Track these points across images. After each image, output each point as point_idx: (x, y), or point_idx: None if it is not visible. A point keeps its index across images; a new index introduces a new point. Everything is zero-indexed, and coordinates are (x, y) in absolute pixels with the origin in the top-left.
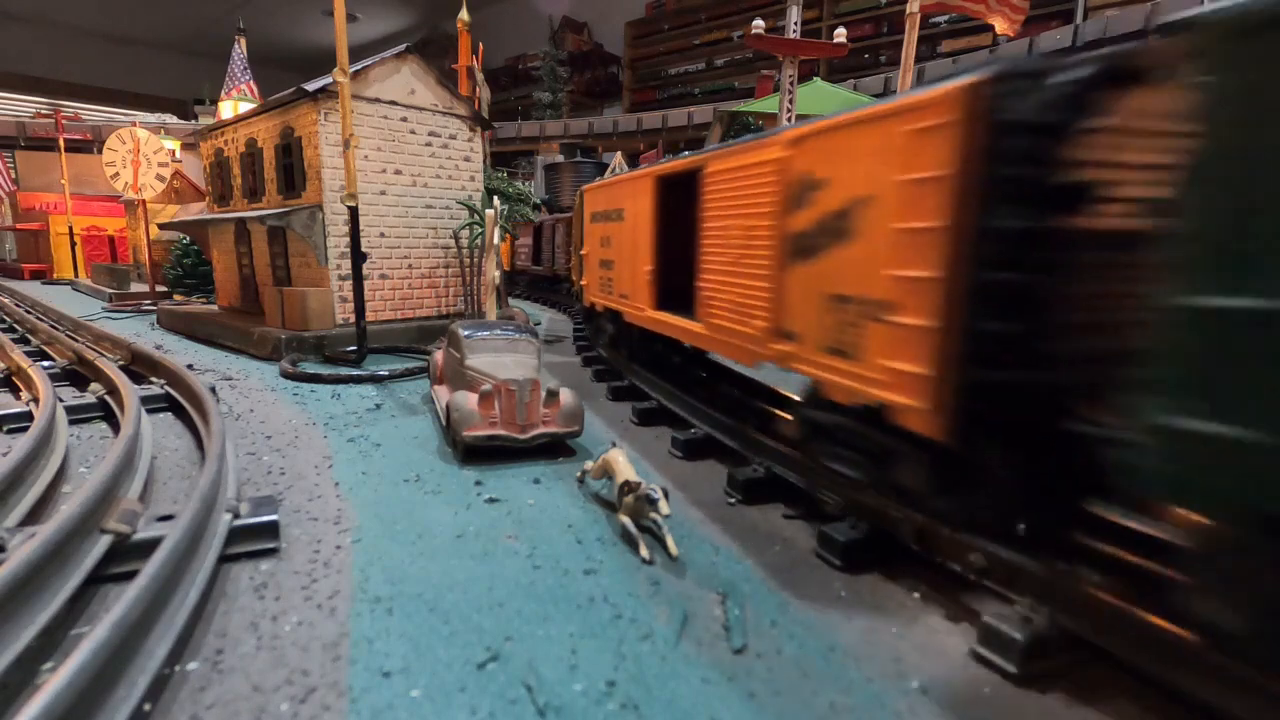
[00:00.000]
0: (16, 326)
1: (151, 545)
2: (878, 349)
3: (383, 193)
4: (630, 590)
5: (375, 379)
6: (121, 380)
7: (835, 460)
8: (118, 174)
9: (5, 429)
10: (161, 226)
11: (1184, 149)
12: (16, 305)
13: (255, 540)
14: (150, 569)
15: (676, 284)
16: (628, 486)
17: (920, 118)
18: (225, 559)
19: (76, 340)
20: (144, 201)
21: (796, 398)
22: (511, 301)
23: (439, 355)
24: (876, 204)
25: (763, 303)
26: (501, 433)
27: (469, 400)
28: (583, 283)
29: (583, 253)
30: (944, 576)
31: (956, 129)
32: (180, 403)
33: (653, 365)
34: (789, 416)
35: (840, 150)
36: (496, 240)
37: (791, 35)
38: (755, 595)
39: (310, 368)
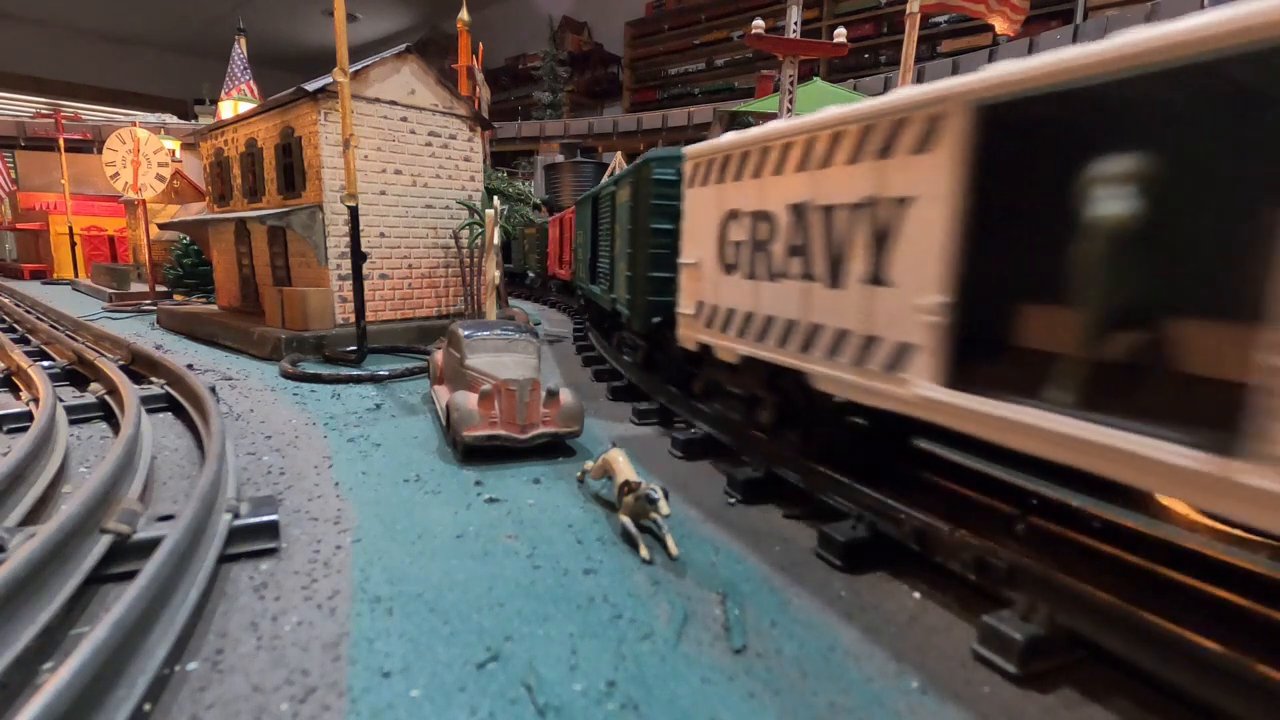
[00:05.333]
0: (16, 326)
1: (151, 545)
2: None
3: (383, 193)
4: (630, 590)
5: (375, 379)
6: (121, 380)
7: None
8: (118, 174)
9: (5, 429)
10: (161, 226)
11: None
12: (16, 305)
13: (255, 540)
14: (150, 569)
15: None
16: (628, 486)
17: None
18: (225, 559)
19: (76, 340)
20: (144, 201)
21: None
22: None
23: (439, 355)
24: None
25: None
26: (501, 433)
27: (469, 400)
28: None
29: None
30: (944, 576)
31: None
32: (180, 403)
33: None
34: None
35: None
36: (496, 240)
37: (791, 35)
38: (755, 595)
39: (310, 368)
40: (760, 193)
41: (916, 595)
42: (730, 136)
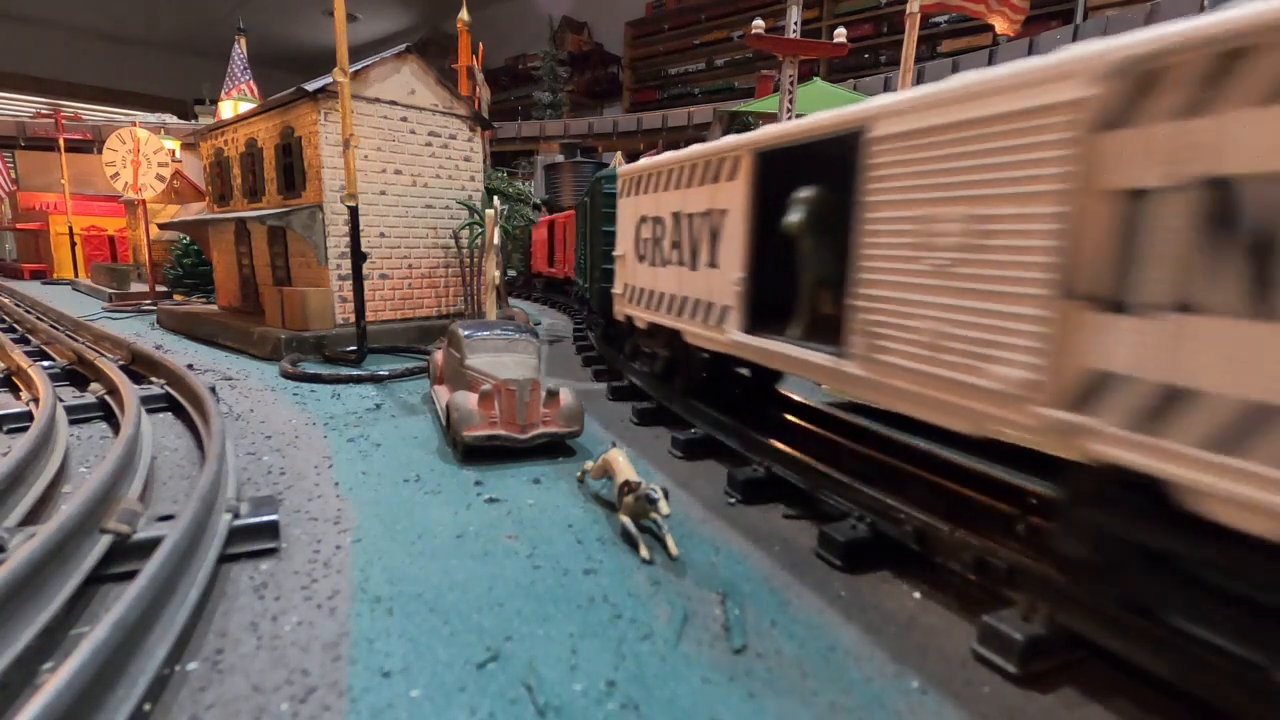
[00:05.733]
0: (16, 326)
1: (151, 545)
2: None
3: (383, 193)
4: (630, 590)
5: (375, 379)
6: (121, 380)
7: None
8: (118, 174)
9: (5, 429)
10: (161, 226)
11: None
12: (16, 305)
13: (255, 540)
14: (150, 569)
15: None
16: (628, 486)
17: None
18: (225, 559)
19: (76, 340)
20: (144, 201)
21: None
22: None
23: (439, 355)
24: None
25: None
26: (501, 433)
27: (469, 400)
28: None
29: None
30: (944, 576)
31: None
32: (180, 403)
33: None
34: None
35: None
36: (496, 240)
37: (791, 35)
38: (755, 595)
39: (310, 368)
40: (657, 203)
41: (916, 595)
42: (643, 162)
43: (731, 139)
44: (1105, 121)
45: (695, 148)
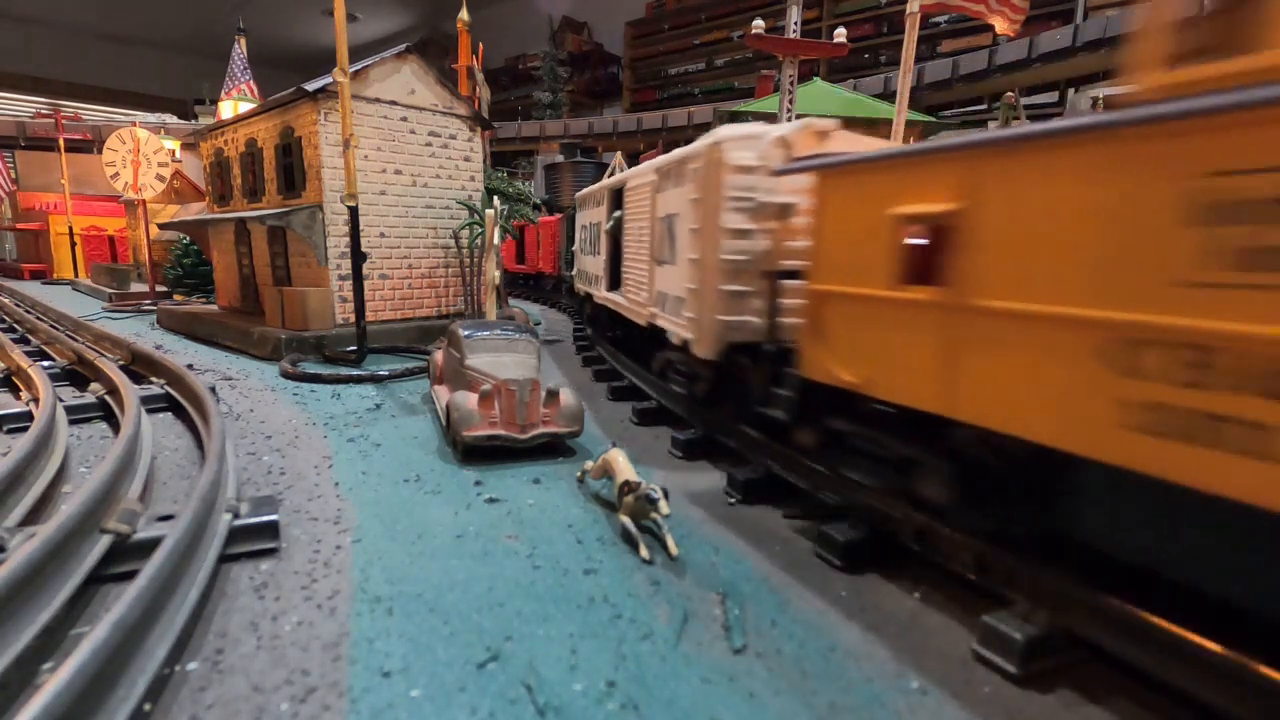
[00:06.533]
0: (16, 326)
1: (151, 545)
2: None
3: (383, 193)
4: (630, 590)
5: (375, 379)
6: (121, 380)
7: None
8: (118, 174)
9: (5, 429)
10: (161, 226)
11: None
12: (16, 305)
13: (255, 540)
14: (150, 569)
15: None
16: (628, 486)
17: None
18: (225, 559)
19: (76, 340)
20: (144, 201)
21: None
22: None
23: (439, 355)
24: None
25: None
26: (501, 433)
27: (469, 400)
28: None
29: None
30: (944, 576)
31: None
32: (180, 403)
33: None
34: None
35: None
36: (496, 240)
37: (791, 35)
38: (755, 595)
39: (310, 368)
40: (586, 217)
41: (916, 595)
42: (582, 191)
43: (603, 182)
44: (657, 190)
45: (593, 186)
